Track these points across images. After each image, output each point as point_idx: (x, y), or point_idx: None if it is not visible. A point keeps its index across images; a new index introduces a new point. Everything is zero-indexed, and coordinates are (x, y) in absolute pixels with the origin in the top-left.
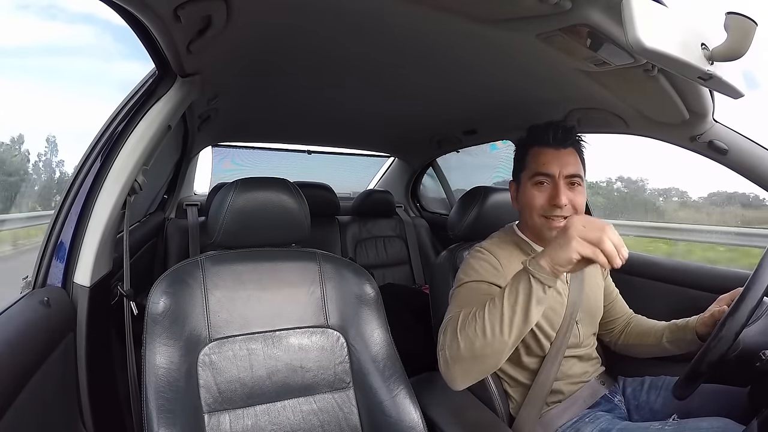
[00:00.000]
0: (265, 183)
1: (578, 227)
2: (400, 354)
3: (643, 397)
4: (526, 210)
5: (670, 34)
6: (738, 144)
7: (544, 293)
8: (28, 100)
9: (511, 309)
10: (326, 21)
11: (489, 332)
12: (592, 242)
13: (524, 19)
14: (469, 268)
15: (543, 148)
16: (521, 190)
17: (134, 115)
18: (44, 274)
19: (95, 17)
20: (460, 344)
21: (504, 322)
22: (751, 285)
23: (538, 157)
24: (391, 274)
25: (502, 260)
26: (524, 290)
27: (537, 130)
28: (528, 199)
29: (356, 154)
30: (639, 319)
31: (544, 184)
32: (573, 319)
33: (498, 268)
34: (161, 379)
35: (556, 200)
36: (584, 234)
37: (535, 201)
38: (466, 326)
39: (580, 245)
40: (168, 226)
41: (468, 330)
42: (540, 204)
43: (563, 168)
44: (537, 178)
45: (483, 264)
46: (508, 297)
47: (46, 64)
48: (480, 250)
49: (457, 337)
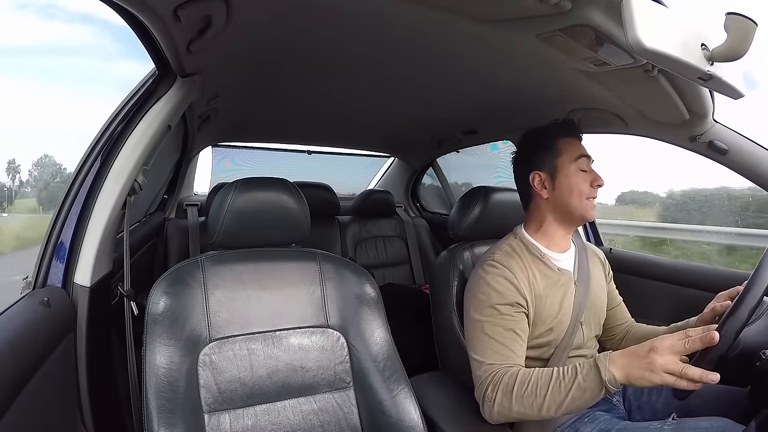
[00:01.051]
0: (265, 183)
1: (664, 358)
2: (400, 354)
3: (644, 397)
4: (574, 193)
5: (670, 34)
6: (738, 144)
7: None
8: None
9: (572, 401)
10: (326, 21)
11: (545, 411)
12: (674, 373)
13: (524, 20)
14: (487, 287)
15: (572, 138)
16: (563, 175)
17: (134, 115)
18: (44, 275)
19: (94, 17)
20: (513, 407)
21: (562, 408)
22: (752, 284)
23: (574, 145)
24: (391, 274)
25: (516, 272)
26: (592, 395)
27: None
28: (575, 183)
29: (356, 154)
30: (639, 325)
31: (586, 170)
32: (578, 320)
33: (515, 283)
34: (161, 379)
35: (600, 180)
36: (666, 366)
37: (582, 185)
38: (524, 396)
39: (662, 378)
40: (168, 226)
41: (525, 400)
42: (586, 187)
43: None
44: (581, 161)
45: (500, 281)
46: (575, 391)
47: (45, 63)
48: (493, 264)
49: (511, 401)
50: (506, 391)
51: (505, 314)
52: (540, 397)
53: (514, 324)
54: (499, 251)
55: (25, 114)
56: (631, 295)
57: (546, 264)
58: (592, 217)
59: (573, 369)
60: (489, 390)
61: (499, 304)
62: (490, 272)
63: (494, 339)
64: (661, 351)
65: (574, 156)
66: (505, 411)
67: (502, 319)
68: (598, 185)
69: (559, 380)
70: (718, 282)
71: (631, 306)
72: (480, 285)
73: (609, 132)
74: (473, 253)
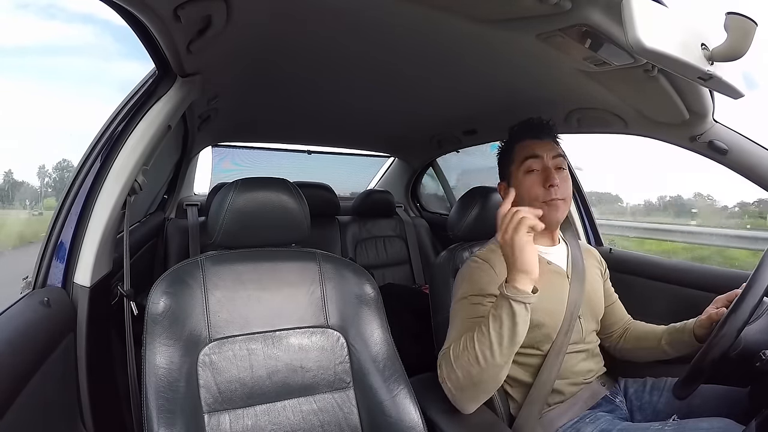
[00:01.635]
0: (265, 183)
1: (506, 233)
2: (400, 354)
3: (645, 397)
4: (524, 199)
5: (670, 34)
6: (738, 144)
7: (526, 311)
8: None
9: (497, 335)
10: (326, 21)
11: (482, 360)
12: (519, 226)
13: (524, 20)
14: (462, 279)
15: (527, 140)
16: (514, 183)
17: (134, 115)
18: (44, 275)
19: (95, 17)
20: (458, 375)
21: (494, 348)
22: (752, 284)
23: (525, 147)
24: (391, 274)
25: (497, 267)
26: (508, 315)
27: (519, 127)
28: (524, 187)
29: (356, 154)
30: (637, 324)
31: (534, 171)
32: (574, 317)
33: (491, 275)
34: (161, 379)
35: (551, 180)
36: (509, 231)
37: (533, 190)
38: (460, 357)
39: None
40: (168, 226)
41: (462, 360)
42: (538, 191)
43: (548, 152)
44: (528, 163)
45: (476, 272)
46: (493, 324)
47: (45, 63)
48: (474, 259)
49: (454, 369)
50: (449, 362)
51: (475, 304)
52: (471, 349)
53: (484, 312)
54: (484, 248)
55: (25, 114)
56: (630, 295)
57: None
58: (554, 219)
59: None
60: (440, 368)
61: (471, 294)
62: (470, 267)
63: (459, 327)
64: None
65: (521, 158)
66: (455, 383)
67: (472, 308)
68: (550, 185)
69: (482, 326)
70: (718, 282)
71: (630, 306)
72: (459, 278)
73: (609, 132)
74: (473, 253)
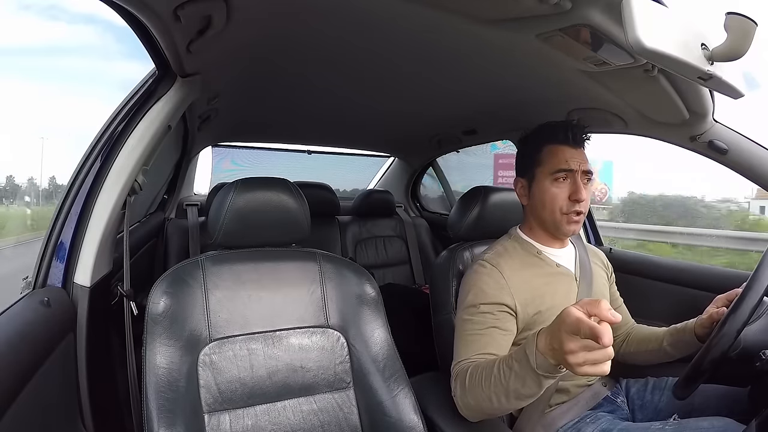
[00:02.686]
0: (265, 183)
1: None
2: (401, 354)
3: (647, 397)
4: (546, 206)
5: (670, 34)
6: (738, 144)
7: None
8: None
9: (516, 394)
10: (326, 21)
11: (496, 403)
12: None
13: (524, 20)
14: (473, 286)
15: (561, 145)
16: (537, 187)
17: (134, 115)
18: (44, 275)
19: (97, 17)
20: (470, 402)
21: (510, 399)
22: (752, 283)
23: (558, 154)
24: (391, 274)
25: (506, 272)
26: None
27: (553, 127)
28: (549, 195)
29: (356, 154)
30: (639, 327)
31: (564, 181)
32: None
33: (501, 282)
34: (161, 379)
35: (578, 195)
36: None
37: (557, 198)
38: (475, 388)
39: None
40: (168, 226)
41: (477, 392)
42: (562, 200)
43: (582, 165)
44: (558, 174)
45: (487, 281)
46: (515, 382)
47: (48, 64)
48: (483, 264)
49: (467, 393)
50: (463, 385)
51: (485, 313)
52: (488, 389)
53: (494, 322)
54: (491, 251)
55: (28, 113)
56: (631, 295)
57: (544, 260)
58: (569, 232)
59: (510, 357)
60: (454, 386)
61: (481, 303)
62: (478, 272)
63: (470, 336)
64: (573, 352)
65: (553, 165)
66: (467, 405)
67: (482, 317)
68: (575, 199)
69: (500, 369)
70: (718, 282)
71: (631, 306)
72: (467, 284)
73: (609, 132)
74: (473, 253)
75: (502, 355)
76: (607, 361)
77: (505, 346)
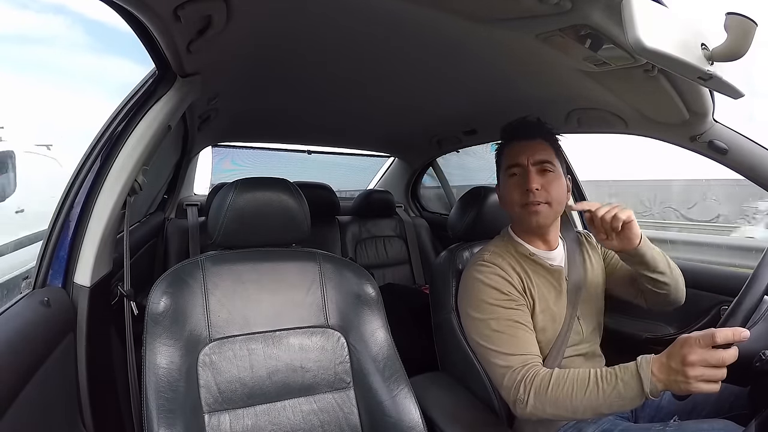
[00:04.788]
0: (265, 183)
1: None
2: (400, 354)
3: None
4: (507, 204)
5: (670, 34)
6: (738, 144)
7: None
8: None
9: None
10: (326, 21)
11: (581, 414)
12: (712, 380)
13: (524, 19)
14: (484, 286)
15: (513, 142)
16: (501, 188)
17: (134, 116)
18: (44, 274)
19: (66, 8)
20: (547, 410)
21: (598, 411)
22: (752, 283)
23: (510, 152)
24: (391, 274)
25: (507, 271)
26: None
27: (507, 128)
28: (507, 192)
29: (356, 154)
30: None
31: (516, 176)
32: (573, 318)
33: (509, 279)
34: (161, 379)
35: (528, 185)
36: (704, 374)
37: (512, 194)
38: (558, 399)
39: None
40: (168, 226)
41: (559, 403)
42: (517, 195)
43: (531, 156)
44: (510, 170)
45: (496, 278)
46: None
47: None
48: (484, 263)
49: (544, 402)
50: (539, 393)
51: (508, 308)
52: (576, 401)
53: (519, 316)
54: (488, 252)
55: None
56: None
57: (537, 262)
58: (533, 223)
59: (613, 375)
60: (521, 391)
61: (501, 299)
62: (483, 271)
63: (505, 333)
64: (693, 364)
65: (506, 166)
66: (538, 412)
67: (506, 312)
68: (527, 189)
69: (598, 385)
70: (718, 282)
71: (629, 305)
72: (476, 285)
73: (609, 132)
74: (473, 253)
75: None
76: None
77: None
